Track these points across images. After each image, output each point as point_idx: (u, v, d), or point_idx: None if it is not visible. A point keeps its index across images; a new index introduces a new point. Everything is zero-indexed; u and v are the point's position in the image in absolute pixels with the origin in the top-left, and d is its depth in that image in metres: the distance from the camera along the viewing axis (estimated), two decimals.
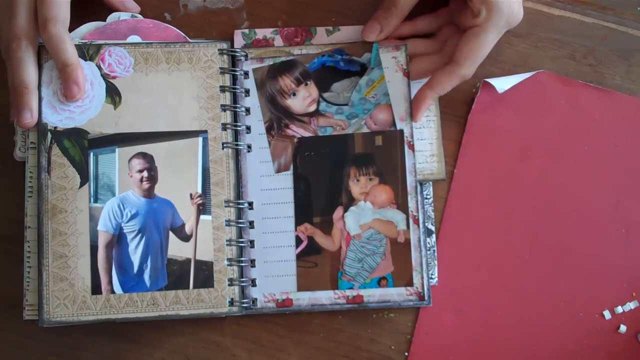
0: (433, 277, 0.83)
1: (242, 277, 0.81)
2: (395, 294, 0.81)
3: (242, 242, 0.81)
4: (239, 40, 0.86)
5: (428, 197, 0.84)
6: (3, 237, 0.83)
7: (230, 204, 0.81)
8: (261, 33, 0.86)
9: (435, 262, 0.83)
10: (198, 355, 0.82)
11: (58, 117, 0.79)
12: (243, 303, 0.80)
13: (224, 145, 0.82)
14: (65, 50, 0.78)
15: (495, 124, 0.86)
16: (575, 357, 0.83)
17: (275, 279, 0.82)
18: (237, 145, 0.82)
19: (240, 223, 0.81)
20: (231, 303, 0.80)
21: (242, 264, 0.81)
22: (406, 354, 0.83)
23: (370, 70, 0.84)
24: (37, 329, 0.78)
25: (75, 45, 0.80)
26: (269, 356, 0.83)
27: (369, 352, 0.83)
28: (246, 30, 0.86)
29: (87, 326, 0.79)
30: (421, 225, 0.81)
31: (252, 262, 0.82)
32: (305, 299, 0.81)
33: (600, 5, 0.89)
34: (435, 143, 0.84)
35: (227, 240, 0.80)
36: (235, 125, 0.82)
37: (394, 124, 0.83)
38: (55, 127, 0.79)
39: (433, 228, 0.84)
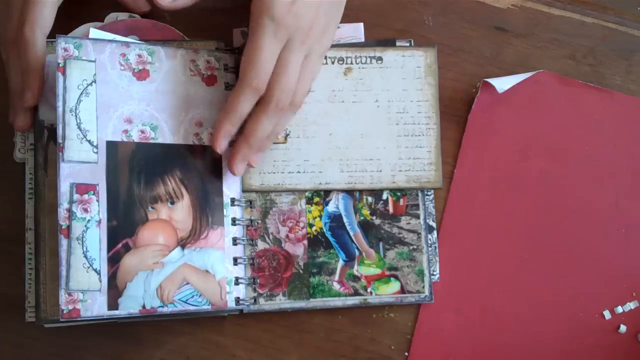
0: (435, 273, 0.83)
1: (246, 276, 0.81)
2: None
3: (248, 241, 0.81)
4: (237, 39, 0.86)
5: (429, 193, 0.84)
6: (3, 237, 0.82)
7: (236, 203, 0.81)
8: None
9: (437, 258, 0.83)
10: (198, 355, 0.82)
11: (54, 115, 0.78)
12: (247, 301, 0.80)
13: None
14: (32, 54, 0.75)
15: (495, 124, 0.86)
16: (575, 357, 0.83)
17: None
18: None
19: (246, 221, 0.81)
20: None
21: (246, 262, 0.81)
22: (406, 354, 0.83)
23: None
24: (37, 329, 0.78)
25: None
26: (269, 356, 0.83)
27: (369, 352, 0.83)
28: (246, 29, 0.86)
29: (87, 326, 0.79)
30: (422, 222, 0.82)
31: (253, 260, 0.81)
32: None
33: (600, 5, 0.89)
34: (433, 151, 0.83)
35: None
36: None
37: None
38: (52, 125, 0.79)
39: (434, 224, 0.84)
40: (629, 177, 0.85)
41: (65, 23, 0.80)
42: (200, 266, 0.77)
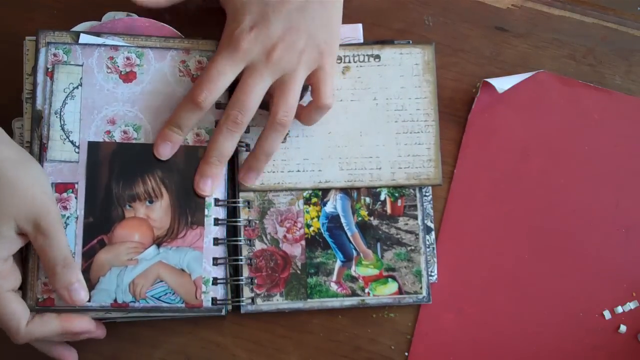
0: (433, 274, 0.83)
1: (239, 276, 0.80)
2: None
3: (234, 241, 0.81)
4: None
5: (427, 194, 0.84)
6: None
7: (220, 203, 0.80)
8: None
9: (435, 259, 0.83)
10: (198, 355, 0.82)
11: None
12: (233, 302, 0.80)
13: None
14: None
15: (495, 124, 0.86)
16: (575, 357, 0.83)
17: None
18: (239, 144, 0.81)
19: (232, 221, 0.81)
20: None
21: (244, 262, 0.81)
22: (406, 354, 0.83)
23: None
24: None
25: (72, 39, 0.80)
26: (269, 356, 0.83)
27: (369, 352, 0.83)
28: None
29: None
30: (420, 223, 0.82)
31: (250, 261, 0.81)
32: None
33: (600, 5, 0.89)
34: (432, 148, 0.83)
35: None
36: None
37: None
38: None
39: (432, 225, 0.84)
40: (629, 177, 0.85)
41: (62, 22, 0.80)
42: (175, 264, 0.78)
